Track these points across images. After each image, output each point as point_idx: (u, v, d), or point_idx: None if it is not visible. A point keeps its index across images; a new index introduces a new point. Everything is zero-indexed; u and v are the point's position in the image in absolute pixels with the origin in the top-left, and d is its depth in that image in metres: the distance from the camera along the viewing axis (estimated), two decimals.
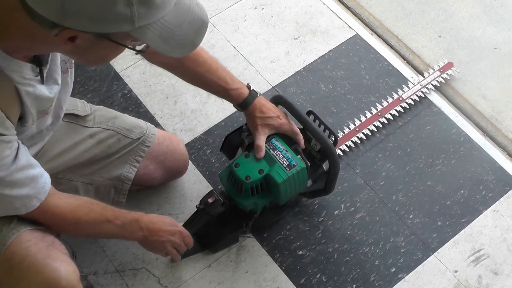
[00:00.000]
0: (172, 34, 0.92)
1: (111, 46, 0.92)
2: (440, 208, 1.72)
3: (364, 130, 1.83)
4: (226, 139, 1.57)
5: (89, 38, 0.89)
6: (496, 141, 1.89)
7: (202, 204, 1.52)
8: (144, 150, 1.50)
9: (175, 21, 0.91)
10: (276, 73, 1.97)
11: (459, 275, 1.62)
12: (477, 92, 2.01)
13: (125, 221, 1.32)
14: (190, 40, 0.97)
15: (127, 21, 0.86)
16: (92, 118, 1.47)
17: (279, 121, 1.49)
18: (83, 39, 0.89)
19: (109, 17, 0.84)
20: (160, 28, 0.90)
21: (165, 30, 0.90)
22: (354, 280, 1.60)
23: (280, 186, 1.42)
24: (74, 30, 0.86)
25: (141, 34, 0.89)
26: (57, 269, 1.11)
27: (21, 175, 1.05)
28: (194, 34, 0.97)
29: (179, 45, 0.95)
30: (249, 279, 1.59)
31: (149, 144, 1.51)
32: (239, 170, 1.43)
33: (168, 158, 1.58)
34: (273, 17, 2.10)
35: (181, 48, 0.96)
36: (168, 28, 0.91)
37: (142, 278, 1.57)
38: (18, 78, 1.00)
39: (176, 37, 0.93)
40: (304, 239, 1.65)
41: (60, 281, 1.11)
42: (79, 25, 0.85)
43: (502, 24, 2.17)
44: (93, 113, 1.48)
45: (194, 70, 1.42)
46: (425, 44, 2.12)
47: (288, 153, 1.45)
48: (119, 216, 1.31)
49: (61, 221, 1.19)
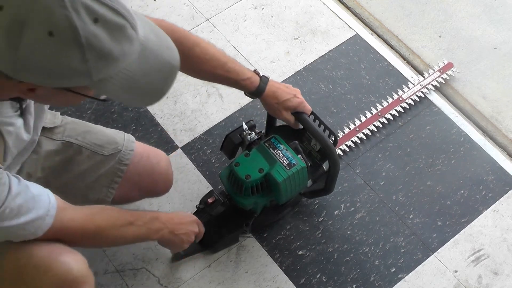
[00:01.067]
0: (137, 83, 0.87)
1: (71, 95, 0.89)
2: (440, 208, 1.72)
3: (364, 130, 1.83)
4: (226, 138, 1.57)
5: (48, 89, 0.86)
6: (496, 141, 1.90)
7: (202, 204, 1.52)
8: (122, 170, 1.39)
9: (140, 70, 0.87)
10: (276, 73, 1.97)
11: (459, 275, 1.62)
12: (477, 92, 2.01)
13: (146, 220, 1.26)
14: (158, 88, 0.91)
15: (83, 76, 0.82)
16: (61, 131, 1.35)
17: (297, 100, 1.46)
18: (42, 90, 0.87)
19: (64, 73, 0.82)
20: (122, 79, 0.86)
21: (128, 80, 0.86)
22: (354, 280, 1.60)
23: (280, 185, 1.42)
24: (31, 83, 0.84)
25: (101, 87, 0.85)
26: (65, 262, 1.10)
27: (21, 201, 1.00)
28: (163, 81, 0.91)
29: (145, 94, 0.91)
30: (249, 279, 1.59)
31: (127, 162, 1.39)
32: (239, 169, 1.43)
33: (144, 180, 1.44)
34: (273, 17, 2.10)
35: (148, 97, 0.92)
36: (132, 79, 0.86)
37: (142, 278, 1.57)
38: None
39: (142, 86, 0.88)
40: (304, 239, 1.65)
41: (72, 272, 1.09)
42: (35, 80, 0.83)
43: (502, 24, 2.17)
44: (63, 126, 1.36)
45: (202, 68, 1.36)
46: (425, 44, 2.12)
47: (288, 152, 1.45)
48: (138, 216, 1.25)
49: (82, 232, 1.14)
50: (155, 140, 1.81)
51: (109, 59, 0.83)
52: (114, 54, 0.83)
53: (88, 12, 0.79)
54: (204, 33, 2.04)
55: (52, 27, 0.78)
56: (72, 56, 0.80)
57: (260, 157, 1.45)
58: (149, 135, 1.82)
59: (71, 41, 0.79)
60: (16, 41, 0.78)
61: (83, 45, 0.80)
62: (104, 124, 1.82)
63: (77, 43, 0.79)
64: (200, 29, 2.05)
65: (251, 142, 1.53)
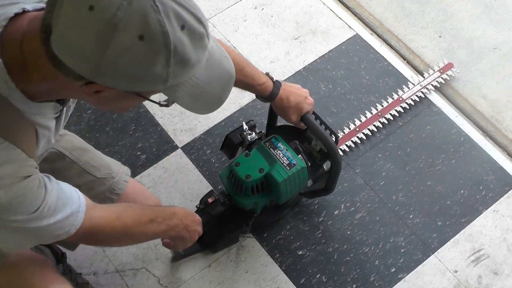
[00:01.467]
0: (202, 91, 0.89)
1: (137, 99, 0.90)
2: (440, 208, 1.72)
3: (364, 130, 1.83)
4: (227, 138, 1.57)
5: (117, 92, 0.86)
6: (496, 141, 1.90)
7: (202, 204, 1.52)
8: (112, 199, 1.37)
9: (205, 78, 0.89)
10: (276, 73, 1.97)
11: (459, 275, 1.62)
12: (477, 92, 2.01)
13: (165, 216, 1.25)
14: (217, 97, 0.94)
15: (161, 81, 0.83)
16: (58, 139, 1.31)
17: (309, 102, 1.48)
18: (110, 93, 0.86)
19: (145, 78, 0.82)
20: (190, 86, 0.87)
21: (195, 87, 0.88)
22: (354, 280, 1.60)
23: (280, 185, 1.42)
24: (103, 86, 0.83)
25: (172, 93, 0.87)
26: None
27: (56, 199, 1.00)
28: (222, 90, 0.94)
29: (206, 102, 0.92)
30: (249, 279, 1.59)
31: (119, 191, 1.38)
32: (240, 169, 1.43)
33: None
34: (273, 17, 2.10)
35: (208, 105, 0.94)
36: (198, 86, 0.88)
37: (142, 278, 1.57)
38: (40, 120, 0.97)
39: (205, 94, 0.90)
40: (304, 239, 1.65)
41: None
42: (112, 83, 0.82)
43: (502, 24, 2.17)
44: (62, 136, 1.35)
45: None
46: (425, 44, 2.12)
47: (289, 153, 1.45)
48: (159, 213, 1.24)
49: (111, 231, 1.13)
50: (155, 140, 1.81)
51: (186, 66, 0.84)
52: (192, 61, 0.84)
53: (177, 18, 0.79)
54: None
55: (144, 31, 0.77)
56: (158, 61, 0.80)
57: (260, 157, 1.45)
58: (149, 135, 1.82)
59: (161, 46, 0.79)
60: (105, 44, 0.77)
61: (170, 51, 0.80)
62: (104, 124, 1.83)
63: (166, 48, 0.79)
64: None
65: (251, 142, 1.53)
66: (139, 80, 0.82)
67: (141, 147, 1.80)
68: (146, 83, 0.83)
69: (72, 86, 0.86)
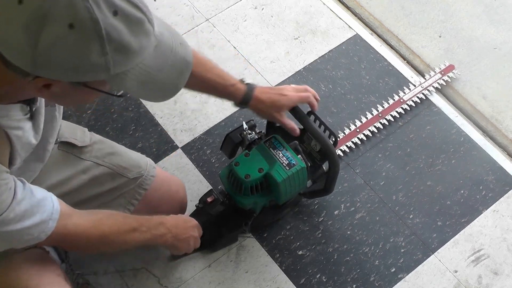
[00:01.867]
0: (153, 78, 0.87)
1: (88, 91, 0.89)
2: (440, 208, 1.72)
3: (364, 131, 1.83)
4: (226, 138, 1.57)
5: (64, 85, 0.86)
6: (496, 141, 1.90)
7: (201, 203, 1.52)
8: (140, 193, 1.41)
9: (155, 64, 0.87)
10: (276, 73, 1.97)
11: (459, 275, 1.62)
12: (477, 92, 2.01)
13: (150, 226, 1.28)
14: (172, 84, 0.92)
15: (102, 69, 0.82)
16: (90, 150, 1.37)
17: (287, 97, 1.45)
18: (58, 86, 0.86)
19: (83, 67, 0.81)
20: (138, 74, 0.86)
21: (144, 75, 0.86)
22: (354, 280, 1.60)
23: (280, 185, 1.42)
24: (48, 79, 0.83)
25: (118, 81, 0.85)
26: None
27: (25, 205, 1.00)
28: (177, 77, 0.92)
29: (160, 89, 0.91)
30: (249, 279, 1.59)
31: (146, 187, 1.42)
32: (239, 168, 1.43)
33: (163, 205, 1.47)
34: (273, 17, 2.10)
35: (163, 92, 0.92)
36: (148, 73, 0.87)
37: (142, 278, 1.57)
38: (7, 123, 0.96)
39: (157, 81, 0.88)
40: (304, 239, 1.65)
41: None
42: (52, 75, 0.82)
43: (502, 24, 2.17)
44: (91, 145, 1.38)
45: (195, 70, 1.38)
46: (425, 44, 2.12)
47: (288, 153, 1.45)
48: (144, 222, 1.27)
49: (86, 239, 1.15)
50: (155, 140, 1.81)
51: (127, 53, 0.83)
52: (132, 47, 0.83)
53: (107, 4, 0.79)
54: (204, 33, 2.05)
55: (73, 19, 0.77)
56: (92, 49, 0.79)
57: (260, 157, 1.45)
58: (149, 135, 1.82)
59: (92, 33, 0.78)
60: (36, 36, 0.77)
61: (103, 38, 0.79)
62: (104, 124, 1.83)
63: (97, 35, 0.79)
64: (200, 29, 2.06)
65: (251, 142, 1.53)
66: (78, 70, 0.81)
67: (141, 147, 1.80)
68: (87, 72, 0.82)
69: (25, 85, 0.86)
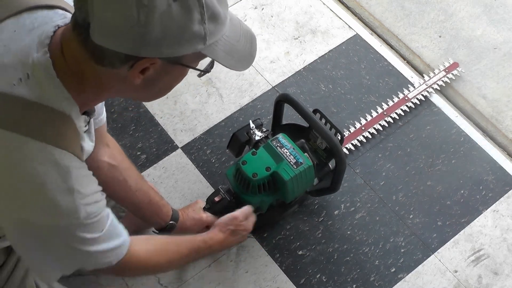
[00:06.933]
0: (234, 48, 0.92)
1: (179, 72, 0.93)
2: (440, 208, 1.72)
3: (369, 129, 1.83)
4: (233, 136, 1.57)
5: (162, 65, 0.88)
6: (496, 141, 1.89)
7: (209, 203, 1.53)
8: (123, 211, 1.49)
9: (233, 36, 0.92)
10: (276, 73, 1.97)
11: (459, 275, 1.62)
12: (477, 92, 2.01)
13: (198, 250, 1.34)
14: (248, 53, 0.97)
15: (200, 39, 0.86)
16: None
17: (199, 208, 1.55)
18: (155, 68, 0.88)
19: (186, 38, 0.84)
20: (223, 44, 0.90)
21: (227, 45, 0.91)
22: (354, 280, 1.60)
23: (287, 184, 1.43)
24: (149, 59, 0.85)
25: (211, 51, 0.89)
26: None
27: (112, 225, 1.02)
28: (250, 47, 0.97)
29: (240, 59, 0.95)
30: (249, 279, 1.59)
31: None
32: (246, 167, 1.44)
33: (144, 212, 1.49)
34: (273, 17, 2.10)
35: (243, 62, 0.96)
36: (230, 43, 0.92)
37: (142, 278, 1.57)
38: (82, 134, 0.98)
39: (237, 52, 0.93)
40: (304, 239, 1.65)
41: None
42: (157, 53, 0.84)
43: (502, 24, 2.16)
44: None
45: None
46: (425, 44, 2.12)
47: (295, 151, 1.46)
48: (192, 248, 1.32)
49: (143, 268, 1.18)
50: (155, 140, 1.81)
51: (218, 22, 0.87)
52: (221, 17, 0.88)
53: None
54: None
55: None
56: (194, 17, 0.83)
57: (267, 156, 1.46)
58: (149, 135, 1.82)
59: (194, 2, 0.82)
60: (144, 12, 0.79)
61: (203, 5, 0.83)
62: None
63: (198, 3, 0.82)
64: None
65: (258, 141, 1.53)
66: (181, 41, 0.84)
67: (141, 147, 1.80)
68: (188, 43, 0.85)
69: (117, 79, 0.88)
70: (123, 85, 0.91)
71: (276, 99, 1.61)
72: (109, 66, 0.86)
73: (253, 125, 1.56)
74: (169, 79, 0.95)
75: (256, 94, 1.92)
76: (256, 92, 1.92)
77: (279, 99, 1.59)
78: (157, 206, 1.46)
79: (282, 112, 1.63)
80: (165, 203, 1.49)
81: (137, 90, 0.94)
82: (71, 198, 0.90)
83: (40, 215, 0.90)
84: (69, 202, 0.90)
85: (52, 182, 0.88)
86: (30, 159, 0.87)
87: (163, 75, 0.92)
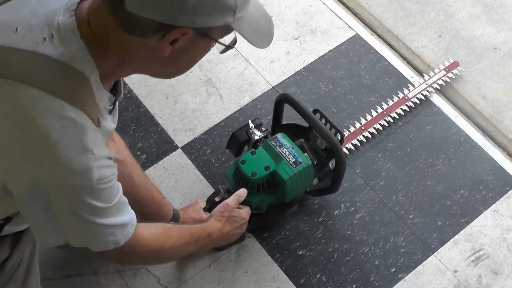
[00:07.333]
0: (256, 26, 0.94)
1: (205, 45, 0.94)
2: (440, 208, 1.72)
3: (369, 129, 1.83)
4: (232, 136, 1.58)
5: (192, 37, 0.88)
6: (496, 141, 1.89)
7: (209, 203, 1.53)
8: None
9: (255, 14, 0.94)
10: (276, 73, 1.97)
11: (459, 275, 1.62)
12: (477, 92, 2.01)
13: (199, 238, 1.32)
14: (267, 32, 0.98)
15: (231, 12, 0.87)
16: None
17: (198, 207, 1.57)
18: (185, 39, 0.89)
19: (219, 9, 0.86)
20: (248, 21, 0.92)
21: (251, 22, 0.93)
22: (354, 280, 1.60)
23: (286, 183, 1.43)
24: (182, 29, 0.86)
25: (239, 25, 0.90)
26: None
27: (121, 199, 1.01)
28: (269, 26, 0.98)
29: (261, 36, 0.97)
30: (249, 279, 1.59)
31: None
32: (246, 167, 1.44)
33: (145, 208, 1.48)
34: (273, 17, 2.10)
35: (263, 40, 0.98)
36: (254, 21, 0.93)
37: (142, 278, 1.57)
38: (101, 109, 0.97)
39: (259, 29, 0.95)
40: (304, 239, 1.65)
41: None
42: (191, 22, 0.85)
43: (502, 24, 2.16)
44: None
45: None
46: (425, 44, 2.12)
47: (295, 150, 1.46)
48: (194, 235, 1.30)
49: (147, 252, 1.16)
50: (155, 140, 1.81)
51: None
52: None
53: None
54: None
55: None
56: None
57: (266, 155, 1.46)
58: (149, 135, 1.82)
59: None
60: None
61: None
62: None
63: None
64: None
65: (257, 140, 1.53)
66: (214, 12, 0.85)
67: (141, 147, 1.80)
68: (220, 14, 0.86)
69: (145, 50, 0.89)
70: (150, 56, 0.91)
71: (276, 99, 1.61)
72: (140, 35, 0.86)
73: (252, 124, 1.56)
74: (195, 53, 0.96)
75: (256, 94, 1.92)
76: (256, 92, 1.92)
77: (279, 99, 1.59)
78: (159, 205, 1.46)
79: (282, 112, 1.63)
80: (166, 202, 1.49)
81: (162, 63, 0.94)
82: (86, 157, 0.89)
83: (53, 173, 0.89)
84: (83, 161, 0.89)
85: (68, 139, 0.87)
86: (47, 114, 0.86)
87: (191, 48, 0.92)
